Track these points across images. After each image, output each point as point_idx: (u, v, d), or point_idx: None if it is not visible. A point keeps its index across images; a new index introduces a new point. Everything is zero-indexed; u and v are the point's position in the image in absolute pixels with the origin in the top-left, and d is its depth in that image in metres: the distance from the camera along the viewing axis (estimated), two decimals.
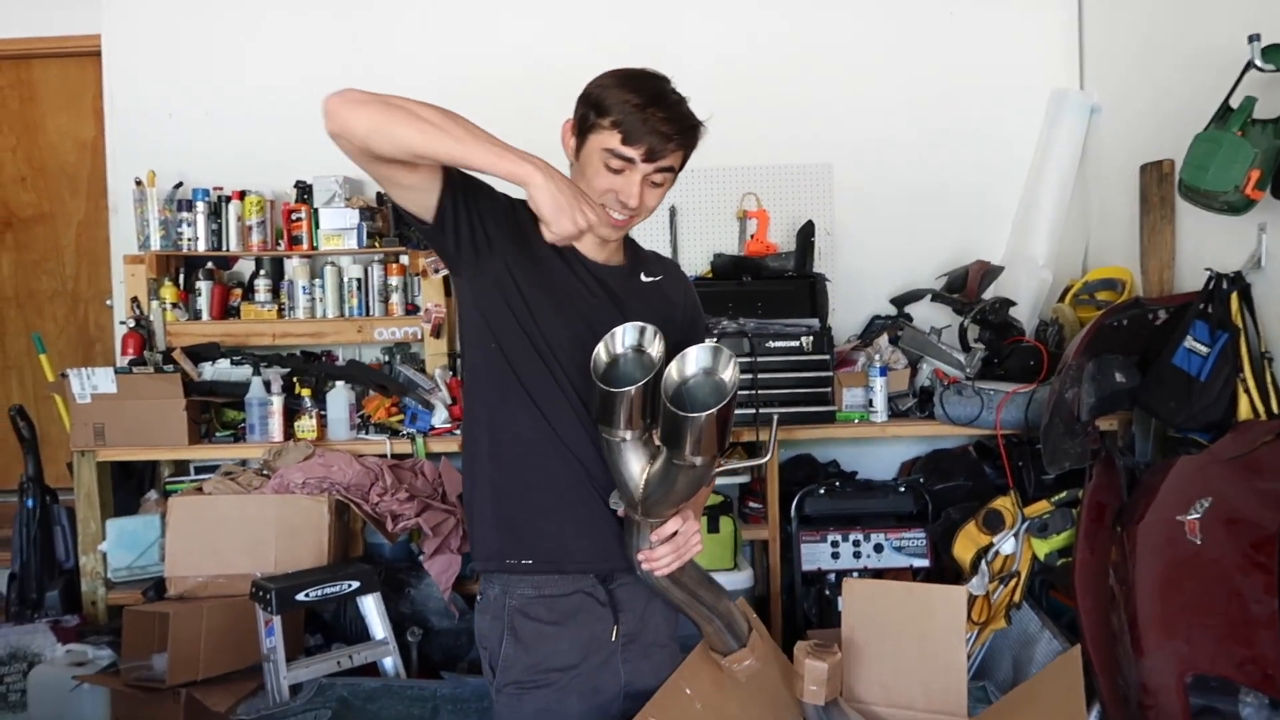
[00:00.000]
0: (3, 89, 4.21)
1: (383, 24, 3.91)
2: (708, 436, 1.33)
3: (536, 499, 1.55)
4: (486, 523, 1.58)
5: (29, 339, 4.11)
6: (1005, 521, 3.02)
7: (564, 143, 1.57)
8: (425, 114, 1.32)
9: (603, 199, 1.50)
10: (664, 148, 1.47)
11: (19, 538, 3.37)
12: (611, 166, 1.48)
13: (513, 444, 1.55)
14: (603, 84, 1.50)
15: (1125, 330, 2.96)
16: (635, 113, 1.44)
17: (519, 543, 1.55)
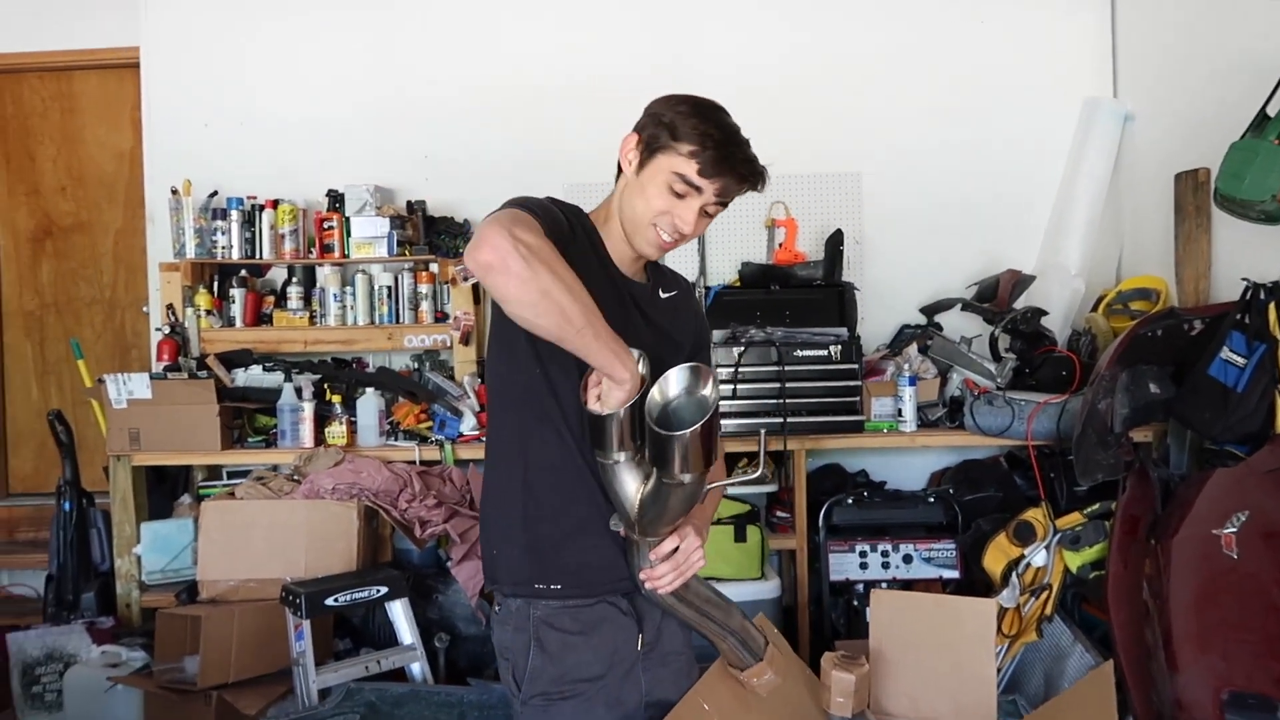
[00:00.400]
0: (45, 101, 4.30)
1: (411, 36, 3.95)
2: (694, 453, 1.34)
3: (566, 525, 1.56)
4: (515, 547, 1.58)
5: (68, 345, 4.20)
6: (1036, 533, 2.99)
7: (623, 154, 1.56)
8: (569, 309, 1.29)
9: (656, 220, 1.51)
10: (737, 188, 1.51)
11: (56, 540, 3.43)
12: (676, 190, 1.49)
13: (546, 471, 1.56)
14: (678, 110, 1.50)
15: (1160, 340, 2.92)
16: (715, 148, 1.46)
17: (549, 568, 1.56)
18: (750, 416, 3.27)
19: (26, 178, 4.33)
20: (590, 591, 1.57)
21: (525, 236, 1.27)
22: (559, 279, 1.28)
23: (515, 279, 1.25)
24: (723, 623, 1.65)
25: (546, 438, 1.55)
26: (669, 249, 1.56)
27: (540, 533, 1.57)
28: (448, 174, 3.90)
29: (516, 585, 1.59)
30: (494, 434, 1.65)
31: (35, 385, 4.35)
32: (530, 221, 1.35)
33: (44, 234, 4.34)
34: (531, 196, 1.50)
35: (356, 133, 3.94)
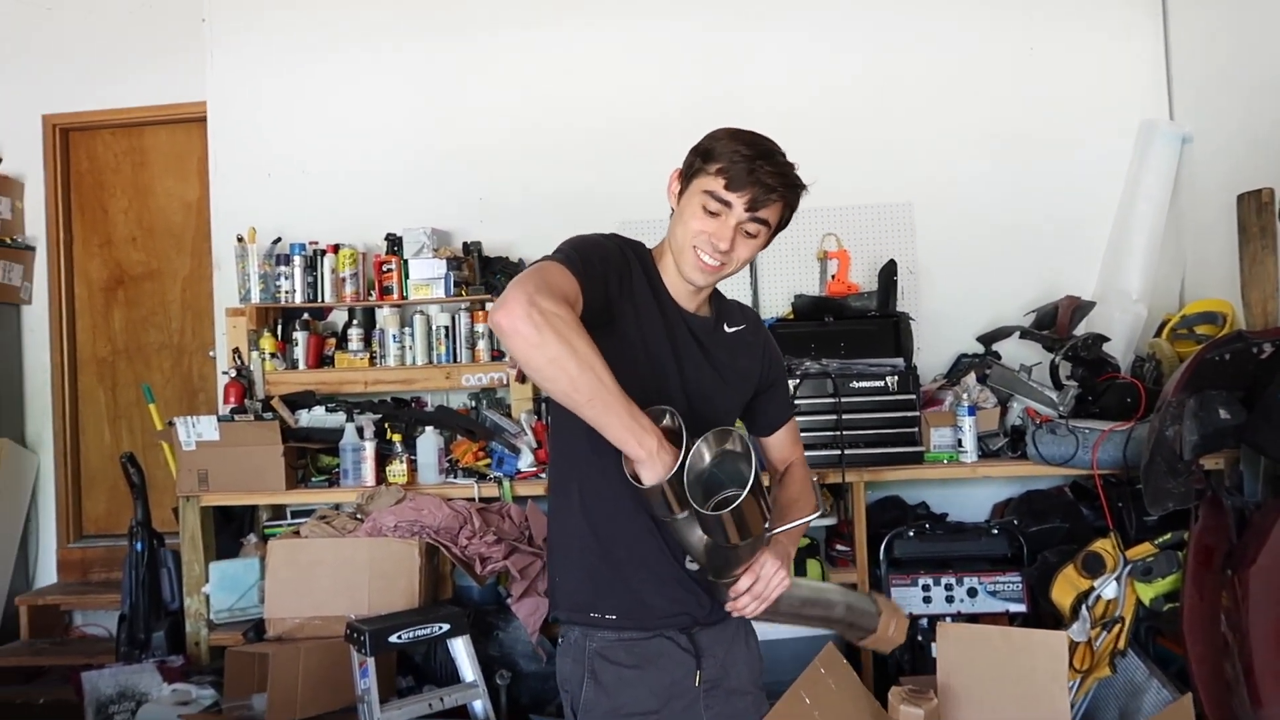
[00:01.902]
0: (117, 156, 4.49)
1: (464, 83, 4.05)
2: (740, 524, 1.34)
3: (623, 556, 1.57)
4: (574, 574, 1.60)
5: (138, 389, 4.33)
6: (1106, 565, 2.92)
7: (669, 189, 1.60)
8: (577, 380, 1.30)
9: (695, 241, 1.52)
10: (766, 199, 1.49)
11: (128, 580, 3.52)
12: (709, 208, 1.50)
13: (603, 501, 1.57)
14: (716, 136, 1.54)
15: (1228, 365, 2.84)
16: (743, 162, 1.48)
17: (605, 597, 1.57)
18: (808, 449, 3.24)
19: (100, 229, 4.51)
20: (646, 625, 1.57)
21: (543, 301, 1.28)
22: (570, 348, 1.28)
23: (525, 344, 1.28)
24: (825, 617, 1.64)
25: (606, 468, 1.53)
26: (713, 271, 1.54)
27: (597, 561, 1.57)
28: (502, 215, 3.97)
29: (573, 611, 1.60)
30: (554, 463, 1.67)
31: (108, 429, 4.49)
32: (558, 281, 1.36)
33: (116, 283, 4.50)
34: (588, 236, 1.52)
35: (413, 177, 4.04)
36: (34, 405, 4.42)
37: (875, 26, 3.90)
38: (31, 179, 4.44)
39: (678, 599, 1.58)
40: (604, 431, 1.34)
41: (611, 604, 1.57)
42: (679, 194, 1.57)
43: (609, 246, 1.52)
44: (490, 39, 4.04)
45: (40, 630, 4.12)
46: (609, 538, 1.57)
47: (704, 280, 1.57)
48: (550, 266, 1.39)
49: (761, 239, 1.55)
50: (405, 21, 4.08)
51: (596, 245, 1.50)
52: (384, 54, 4.09)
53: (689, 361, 1.58)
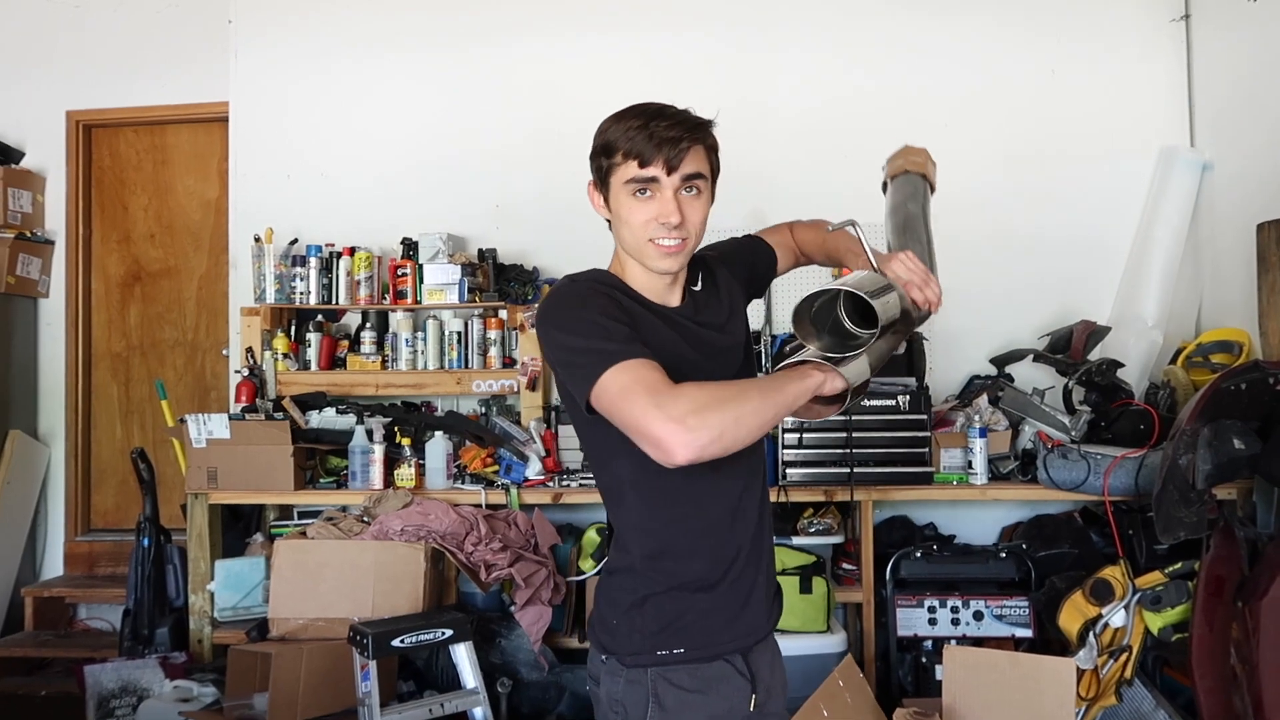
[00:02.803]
0: (139, 153, 4.52)
1: (482, 90, 4.07)
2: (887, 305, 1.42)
3: (694, 591, 1.51)
4: (637, 621, 1.52)
5: (151, 385, 4.36)
6: (1115, 592, 2.89)
7: (594, 207, 1.54)
8: (751, 412, 1.31)
9: (647, 233, 1.45)
10: (679, 152, 1.42)
11: (134, 575, 3.53)
12: (639, 195, 1.44)
13: (675, 538, 1.51)
14: (603, 130, 1.49)
15: (1244, 394, 2.83)
16: (639, 133, 1.42)
17: (675, 635, 1.51)
18: (817, 466, 3.25)
19: (119, 226, 4.54)
20: (714, 654, 1.52)
21: (679, 404, 1.27)
22: (729, 414, 1.29)
23: (717, 447, 1.28)
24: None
25: (678, 507, 1.50)
26: (679, 250, 1.47)
27: (667, 602, 1.51)
28: (518, 222, 3.98)
29: (638, 654, 1.51)
30: (620, 512, 1.56)
31: (119, 424, 4.52)
32: (649, 376, 1.31)
33: (133, 279, 4.53)
34: (579, 314, 1.41)
35: (430, 183, 4.06)
36: (47, 398, 4.45)
37: (895, 44, 3.90)
38: (54, 174, 4.47)
39: (743, 622, 1.55)
40: (797, 408, 1.38)
41: (680, 640, 1.51)
42: (604, 203, 1.51)
43: (598, 301, 1.44)
44: (509, 48, 4.06)
45: (45, 622, 4.13)
46: (681, 578, 1.51)
47: (676, 264, 1.49)
48: (628, 374, 1.32)
49: (705, 194, 1.49)
50: (426, 29, 4.10)
51: (598, 313, 1.41)
52: (405, 60, 4.12)
53: (707, 347, 1.55)
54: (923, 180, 1.85)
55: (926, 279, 1.50)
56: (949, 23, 3.88)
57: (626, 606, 1.53)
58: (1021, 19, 3.86)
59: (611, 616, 1.55)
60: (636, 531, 1.54)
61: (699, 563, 1.52)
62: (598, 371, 1.33)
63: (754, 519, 1.57)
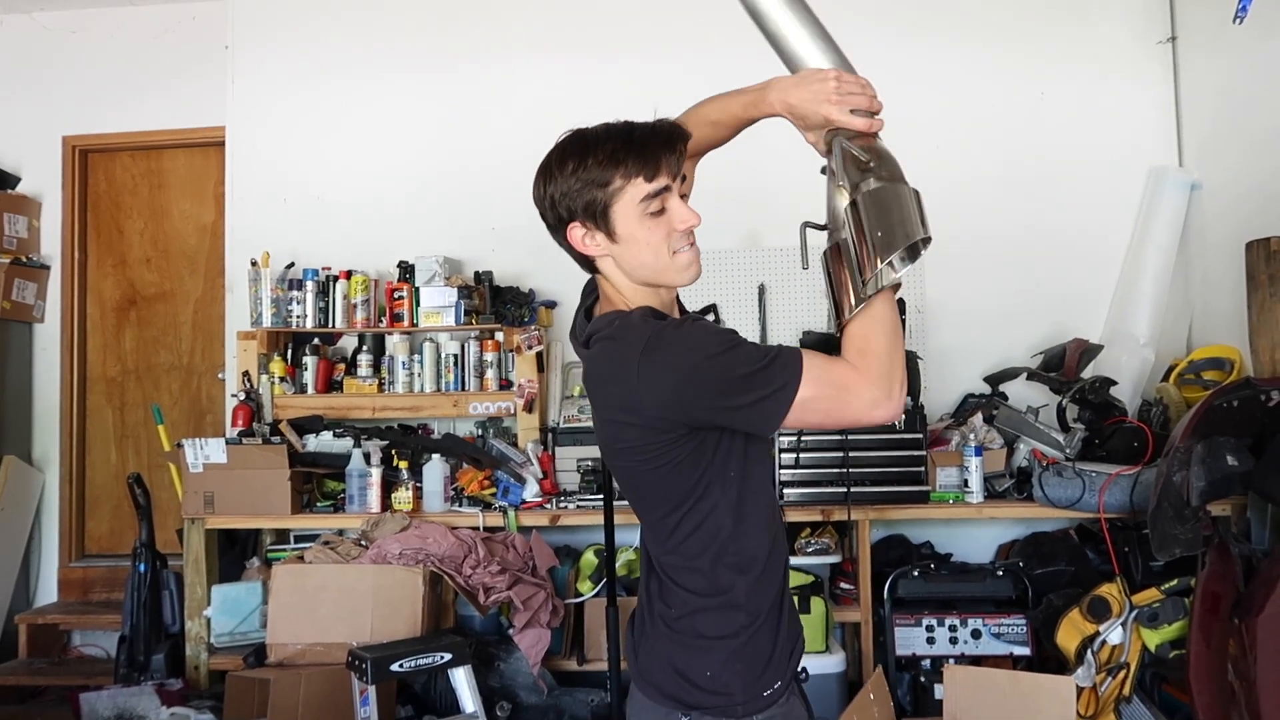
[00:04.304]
0: (135, 177, 4.54)
1: (478, 114, 4.10)
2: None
3: (777, 613, 1.45)
4: (741, 661, 1.42)
5: (146, 409, 4.35)
6: (1112, 609, 2.90)
7: (583, 251, 1.40)
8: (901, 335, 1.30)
9: (672, 246, 1.36)
10: (677, 159, 1.36)
11: (130, 601, 3.51)
12: (654, 211, 1.35)
13: (769, 555, 1.44)
14: (572, 171, 1.37)
15: (1236, 411, 2.85)
16: (625, 148, 1.34)
17: (773, 669, 1.43)
18: (814, 486, 3.26)
19: (115, 250, 4.54)
20: (789, 674, 1.47)
21: (868, 388, 1.25)
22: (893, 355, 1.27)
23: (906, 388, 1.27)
24: None
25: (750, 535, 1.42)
26: (697, 258, 1.40)
27: (759, 635, 1.42)
28: (514, 245, 4.00)
29: (750, 703, 1.41)
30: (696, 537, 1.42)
31: (114, 449, 4.50)
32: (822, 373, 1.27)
33: (128, 303, 4.53)
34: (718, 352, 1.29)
35: (426, 206, 4.08)
36: (42, 423, 4.43)
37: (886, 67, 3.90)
38: (49, 199, 4.48)
39: (799, 632, 1.51)
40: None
41: (776, 673, 1.43)
42: (608, 235, 1.37)
43: (714, 329, 1.36)
44: (506, 71, 4.10)
45: (39, 649, 4.10)
46: (765, 611, 1.44)
47: (699, 270, 1.41)
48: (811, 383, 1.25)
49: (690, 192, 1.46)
50: (422, 53, 4.14)
51: (722, 334, 1.33)
52: (401, 84, 4.15)
53: None
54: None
55: (864, 92, 1.38)
56: (939, 45, 3.93)
57: (725, 654, 1.40)
58: (1011, 41, 3.91)
59: (704, 668, 1.41)
60: (735, 558, 1.41)
61: (778, 578, 1.46)
62: (790, 393, 1.25)
63: (780, 520, 1.53)
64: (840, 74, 1.37)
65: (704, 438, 1.34)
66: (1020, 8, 3.92)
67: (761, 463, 1.44)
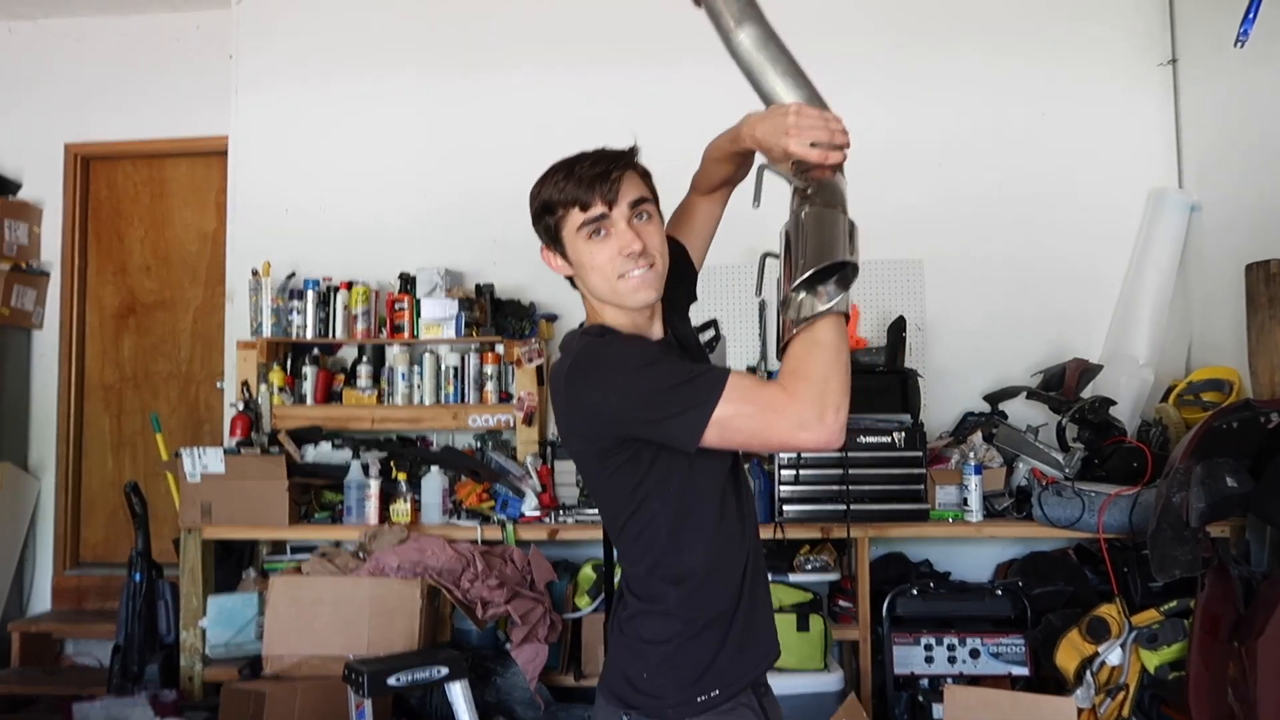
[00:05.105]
0: (137, 185, 4.54)
1: (481, 126, 4.10)
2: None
3: (721, 624, 1.48)
4: (675, 667, 1.47)
5: (143, 417, 4.34)
6: (1111, 630, 2.90)
7: (554, 269, 1.53)
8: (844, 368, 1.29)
9: (617, 269, 1.43)
10: (611, 184, 1.42)
11: (125, 611, 3.49)
12: (594, 237, 1.43)
13: (709, 568, 1.48)
14: (533, 196, 1.50)
15: (1236, 433, 2.86)
16: (568, 181, 1.43)
17: (711, 677, 1.46)
18: (814, 503, 3.26)
19: (115, 257, 4.54)
20: (738, 684, 1.49)
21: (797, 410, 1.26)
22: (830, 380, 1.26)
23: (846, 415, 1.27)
24: None
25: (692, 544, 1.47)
26: (652, 277, 1.44)
27: (696, 643, 1.47)
28: (515, 258, 3.99)
29: (682, 708, 1.46)
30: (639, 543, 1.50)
31: (111, 457, 4.48)
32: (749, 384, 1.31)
33: (128, 310, 4.52)
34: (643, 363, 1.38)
35: (428, 218, 4.08)
36: (39, 430, 4.42)
37: (887, 87, 3.96)
38: (50, 205, 4.48)
39: (757, 652, 1.53)
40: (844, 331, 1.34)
41: (715, 682, 1.47)
42: (564, 258, 1.48)
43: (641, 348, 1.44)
44: (509, 83, 4.10)
45: (32, 658, 4.07)
46: (706, 618, 1.48)
47: (655, 293, 1.47)
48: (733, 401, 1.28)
49: (656, 217, 1.49)
50: (426, 65, 4.15)
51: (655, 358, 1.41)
52: (404, 97, 4.16)
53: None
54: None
55: (826, 126, 1.39)
56: (941, 65, 3.95)
57: (658, 658, 1.47)
58: (1012, 62, 3.93)
59: (641, 670, 1.49)
60: (671, 570, 1.48)
61: (726, 593, 1.49)
62: (707, 410, 1.29)
63: (752, 534, 1.55)
64: (801, 108, 1.41)
65: (638, 450, 1.40)
66: (1021, 29, 3.95)
67: (712, 480, 1.46)
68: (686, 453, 1.35)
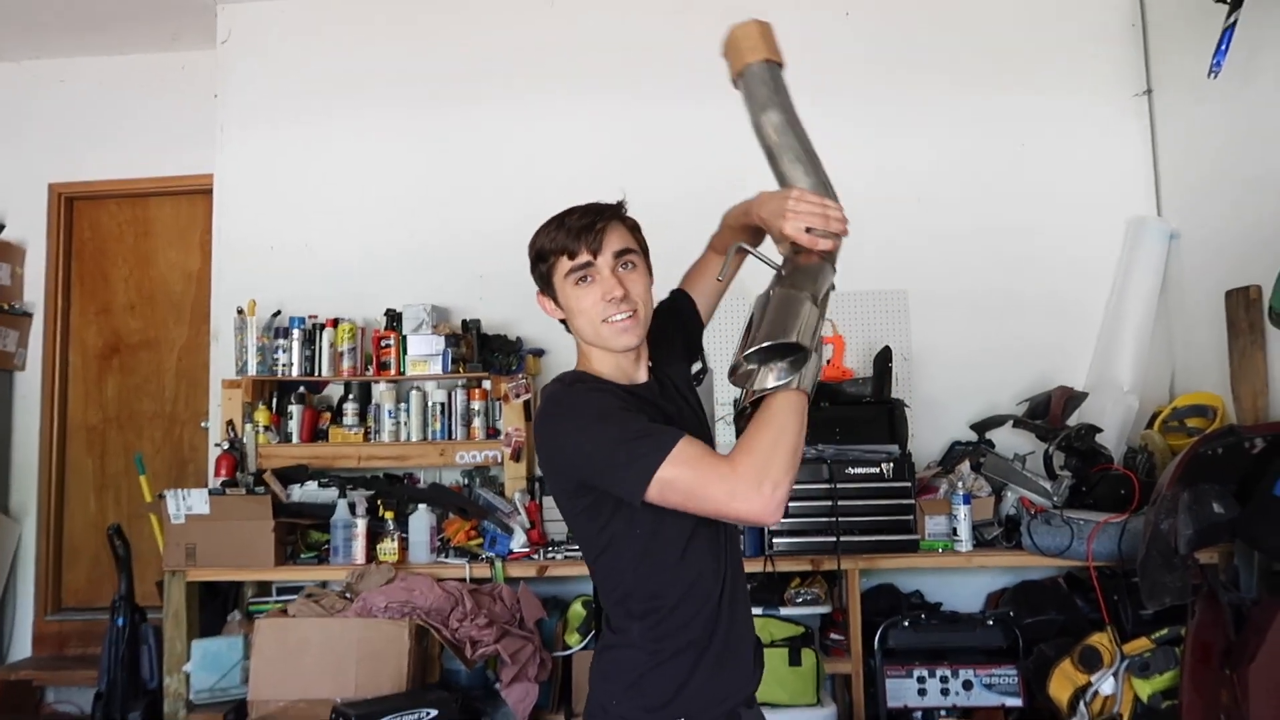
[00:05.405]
0: (121, 225, 4.53)
1: (465, 164, 4.12)
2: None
3: (691, 655, 1.53)
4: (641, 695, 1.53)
5: (127, 458, 4.30)
6: (1103, 659, 2.89)
7: (548, 313, 1.63)
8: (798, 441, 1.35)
9: (601, 313, 1.53)
10: (596, 235, 1.53)
11: (107, 657, 3.44)
12: (580, 283, 1.54)
13: (676, 603, 1.53)
14: (531, 245, 1.60)
15: (1221, 459, 2.87)
16: (559, 231, 1.55)
17: (677, 705, 1.52)
18: (803, 535, 3.25)
19: (99, 297, 4.52)
20: (709, 713, 1.54)
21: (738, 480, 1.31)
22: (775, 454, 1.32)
23: (788, 490, 1.32)
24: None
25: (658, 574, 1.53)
26: (633, 322, 1.54)
27: (660, 674, 1.52)
28: (501, 293, 4.00)
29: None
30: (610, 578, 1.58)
31: (93, 499, 4.44)
32: (693, 453, 1.35)
33: (111, 351, 4.50)
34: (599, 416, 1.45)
35: (414, 255, 4.08)
36: (20, 472, 4.37)
37: (867, 119, 4.00)
38: (34, 245, 4.47)
39: (727, 684, 1.56)
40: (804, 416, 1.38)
41: (681, 708, 1.52)
42: (555, 305, 1.61)
43: (602, 403, 1.49)
44: (492, 121, 4.13)
45: (11, 707, 4.00)
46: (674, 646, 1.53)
47: (635, 338, 1.56)
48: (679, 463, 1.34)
49: (641, 268, 1.58)
50: (411, 105, 4.17)
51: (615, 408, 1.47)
52: (389, 134, 4.17)
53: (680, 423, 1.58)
54: (766, 66, 1.61)
55: (823, 215, 1.45)
56: (920, 98, 4.00)
57: (625, 686, 1.54)
58: (989, 93, 3.98)
59: (610, 698, 1.56)
60: (637, 604, 1.54)
61: (696, 623, 1.53)
62: (650, 468, 1.35)
63: (730, 565, 1.59)
64: (802, 194, 1.48)
65: (600, 495, 1.46)
66: (999, 61, 4.00)
67: (679, 519, 1.48)
68: (630, 503, 1.40)
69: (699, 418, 1.70)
